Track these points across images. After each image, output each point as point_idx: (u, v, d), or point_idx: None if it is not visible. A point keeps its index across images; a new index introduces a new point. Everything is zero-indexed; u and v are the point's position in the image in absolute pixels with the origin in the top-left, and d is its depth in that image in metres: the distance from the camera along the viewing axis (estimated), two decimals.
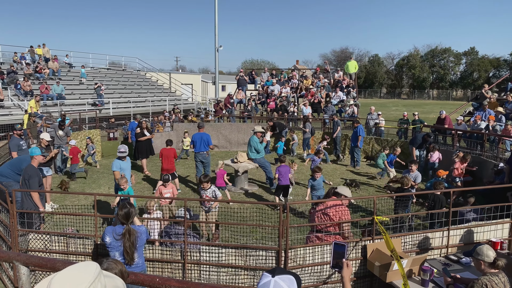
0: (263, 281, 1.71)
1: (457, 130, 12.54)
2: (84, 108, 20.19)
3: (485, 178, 9.77)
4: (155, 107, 23.99)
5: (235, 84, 22.44)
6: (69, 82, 23.43)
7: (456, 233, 5.35)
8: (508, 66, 55.45)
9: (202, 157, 10.11)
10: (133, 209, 4.19)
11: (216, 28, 24.71)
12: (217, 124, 16.92)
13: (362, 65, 64.48)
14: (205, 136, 10.07)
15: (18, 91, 18.95)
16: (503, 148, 10.92)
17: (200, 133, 10.13)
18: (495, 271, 3.66)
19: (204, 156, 10.12)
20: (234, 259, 4.87)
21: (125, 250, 4.05)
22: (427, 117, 23.12)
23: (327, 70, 23.34)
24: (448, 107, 31.01)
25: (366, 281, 4.99)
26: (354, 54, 67.91)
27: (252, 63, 73.02)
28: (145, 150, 11.98)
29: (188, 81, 36.89)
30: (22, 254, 2.02)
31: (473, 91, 51.52)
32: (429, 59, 62.53)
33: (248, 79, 22.34)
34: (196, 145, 10.03)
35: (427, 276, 4.34)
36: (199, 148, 10.01)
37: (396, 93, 62.84)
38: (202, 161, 10.16)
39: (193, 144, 10.09)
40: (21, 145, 9.37)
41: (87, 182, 11.10)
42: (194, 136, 10.13)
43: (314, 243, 4.92)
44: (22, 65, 22.24)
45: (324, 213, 4.91)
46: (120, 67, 32.06)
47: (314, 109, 18.54)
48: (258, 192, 10.20)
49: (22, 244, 5.22)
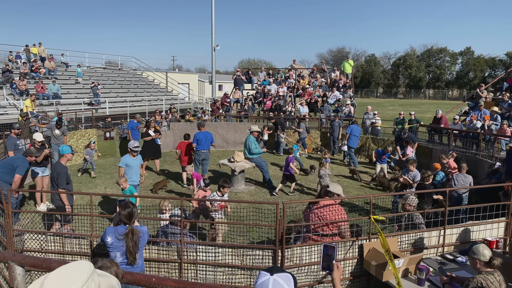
0: (261, 280, 1.71)
1: (453, 129, 12.59)
2: (80, 108, 20.12)
3: (480, 177, 9.82)
4: (152, 107, 23.94)
5: (232, 84, 22.42)
6: (65, 82, 23.32)
7: (452, 232, 5.37)
8: (503, 66, 55.70)
9: (205, 155, 10.35)
10: (136, 209, 4.17)
11: (213, 27, 24.70)
12: (214, 124, 16.91)
13: (359, 65, 64.66)
14: (209, 135, 10.35)
15: (14, 91, 18.85)
16: (498, 148, 10.99)
17: (204, 132, 10.33)
18: (490, 270, 3.68)
19: (207, 154, 10.40)
20: (231, 259, 4.87)
21: (128, 250, 4.02)
22: (424, 117, 23.20)
23: (324, 70, 23.37)
24: (444, 106, 31.13)
25: (362, 280, 5.00)
26: (351, 54, 68.08)
27: (249, 63, 73.04)
28: (150, 151, 11.82)
29: (185, 81, 36.81)
30: (17, 254, 2.01)
31: (469, 91, 51.75)
32: (425, 58, 62.81)
33: (245, 79, 22.32)
34: (201, 143, 10.20)
35: (423, 275, 4.36)
36: (203, 146, 10.23)
37: (392, 93, 63.04)
38: (204, 159, 10.38)
39: (197, 142, 10.21)
40: (17, 144, 9.31)
41: (83, 181, 11.05)
42: (199, 135, 10.24)
43: (308, 243, 4.91)
44: (18, 64, 22.12)
45: (319, 215, 4.87)
46: (117, 66, 31.93)
47: (311, 108, 18.56)
48: (255, 192, 10.20)
49: (18, 244, 5.19)
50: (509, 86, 17.02)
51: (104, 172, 12.14)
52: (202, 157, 10.29)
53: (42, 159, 8.50)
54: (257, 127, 10.74)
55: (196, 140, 10.21)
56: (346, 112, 17.52)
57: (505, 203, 5.59)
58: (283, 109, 18.08)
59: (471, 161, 10.57)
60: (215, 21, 24.51)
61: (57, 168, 6.50)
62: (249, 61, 75.35)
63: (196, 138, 10.23)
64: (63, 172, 6.45)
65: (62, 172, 6.43)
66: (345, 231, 4.91)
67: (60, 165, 6.55)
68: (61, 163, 6.56)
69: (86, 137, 13.84)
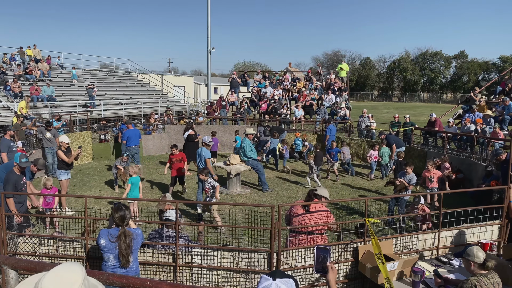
0: (263, 284, 1.70)
1: (447, 132, 12.68)
2: (75, 110, 20.01)
3: (474, 180, 9.89)
4: (147, 109, 23.87)
5: (228, 86, 22.45)
6: (60, 84, 23.20)
7: (446, 234, 5.40)
8: (497, 69, 56.24)
9: (135, 150, 11.84)
10: (128, 211, 4.16)
11: (208, 30, 24.70)
12: (210, 126, 16.89)
13: (354, 68, 64.93)
14: (137, 132, 12.19)
15: (8, 93, 18.71)
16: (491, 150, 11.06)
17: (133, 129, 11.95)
18: (484, 272, 3.69)
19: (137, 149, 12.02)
20: (226, 262, 4.85)
21: (120, 252, 4.01)
22: (418, 120, 23.33)
23: (319, 73, 23.45)
24: (439, 109, 31.35)
25: (357, 282, 5.00)
26: (346, 57, 68.45)
27: (244, 65, 73.05)
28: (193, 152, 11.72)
29: (180, 83, 36.74)
30: (10, 257, 1.99)
31: (462, 94, 52.18)
32: (420, 62, 63.20)
33: (240, 81, 22.35)
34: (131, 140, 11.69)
35: (418, 277, 4.37)
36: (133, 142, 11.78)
37: (387, 96, 63.33)
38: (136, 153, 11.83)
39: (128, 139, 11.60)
40: (11, 146, 9.25)
41: (77, 184, 10.99)
42: (129, 132, 11.72)
43: (297, 245, 4.90)
44: (12, 66, 21.97)
45: (305, 217, 4.89)
46: (112, 68, 31.82)
47: (306, 111, 18.61)
48: (250, 194, 10.19)
49: (11, 248, 5.15)
50: (502, 90, 17.18)
51: (98, 175, 12.08)
52: (134, 151, 11.60)
53: (72, 160, 8.62)
54: (252, 130, 10.79)
55: (126, 137, 11.54)
56: (341, 115, 17.61)
57: (498, 205, 5.63)
58: (278, 112, 18.11)
59: (465, 164, 10.65)
60: (211, 24, 24.50)
61: (8, 175, 6.29)
62: (244, 64, 75.39)
63: (126, 135, 11.58)
64: (12, 180, 6.21)
65: (10, 180, 6.20)
66: (333, 228, 4.96)
67: (12, 172, 6.33)
68: (14, 171, 6.33)
69: (80, 140, 13.76)
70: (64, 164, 8.52)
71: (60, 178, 8.61)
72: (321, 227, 4.93)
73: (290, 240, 5.04)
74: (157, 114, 19.07)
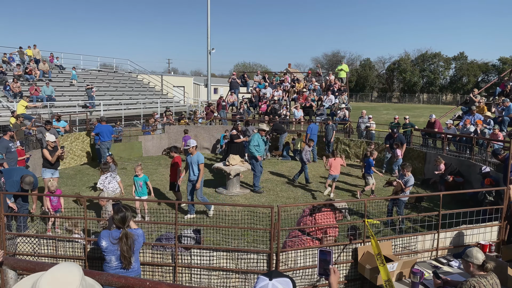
0: (260, 285, 1.70)
1: (447, 134, 12.68)
2: (75, 110, 20.00)
3: (473, 181, 9.90)
4: (147, 109, 23.86)
5: (228, 87, 22.42)
6: (60, 84, 23.19)
7: (445, 235, 5.40)
8: (496, 71, 56.26)
9: (108, 145, 12.45)
10: (129, 212, 4.14)
11: (208, 31, 24.72)
12: (209, 127, 16.89)
13: (354, 69, 64.92)
14: (110, 128, 12.71)
15: (7, 93, 18.70)
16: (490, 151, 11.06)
17: (105, 125, 12.48)
18: (483, 273, 3.70)
19: (110, 144, 12.61)
20: (225, 262, 4.85)
21: (122, 254, 3.99)
22: (418, 121, 23.35)
23: (319, 74, 23.45)
24: (438, 111, 31.36)
25: (356, 284, 5.01)
26: (345, 58, 68.44)
27: (244, 66, 73.07)
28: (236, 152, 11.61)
29: (180, 84, 36.75)
30: (9, 258, 1.99)
31: (462, 96, 52.18)
32: (420, 63, 63.22)
33: (240, 82, 22.34)
34: (104, 135, 12.28)
35: (417, 278, 4.37)
36: (106, 137, 12.38)
37: (387, 97, 63.34)
38: (108, 148, 12.38)
39: (101, 134, 12.22)
40: (9, 147, 9.22)
41: (77, 184, 10.98)
42: (101, 128, 12.27)
43: (301, 246, 4.91)
44: (12, 66, 21.95)
45: (313, 218, 4.89)
46: (112, 69, 31.82)
47: (306, 112, 18.62)
48: (250, 195, 10.19)
49: (10, 248, 5.14)
50: (501, 91, 17.20)
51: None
52: (107, 146, 12.24)
53: (55, 160, 8.79)
54: (265, 126, 10.80)
55: (98, 132, 12.17)
56: (341, 116, 17.61)
57: (497, 207, 5.64)
58: (278, 113, 18.10)
59: (464, 165, 10.65)
60: (211, 25, 24.52)
61: None
62: (244, 64, 75.40)
63: (98, 131, 12.17)
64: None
65: None
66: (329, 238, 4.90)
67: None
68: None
69: (80, 140, 13.76)
70: (48, 163, 8.77)
71: (44, 177, 8.88)
72: (320, 234, 4.93)
73: (287, 241, 5.05)
74: (157, 115, 19.06)
